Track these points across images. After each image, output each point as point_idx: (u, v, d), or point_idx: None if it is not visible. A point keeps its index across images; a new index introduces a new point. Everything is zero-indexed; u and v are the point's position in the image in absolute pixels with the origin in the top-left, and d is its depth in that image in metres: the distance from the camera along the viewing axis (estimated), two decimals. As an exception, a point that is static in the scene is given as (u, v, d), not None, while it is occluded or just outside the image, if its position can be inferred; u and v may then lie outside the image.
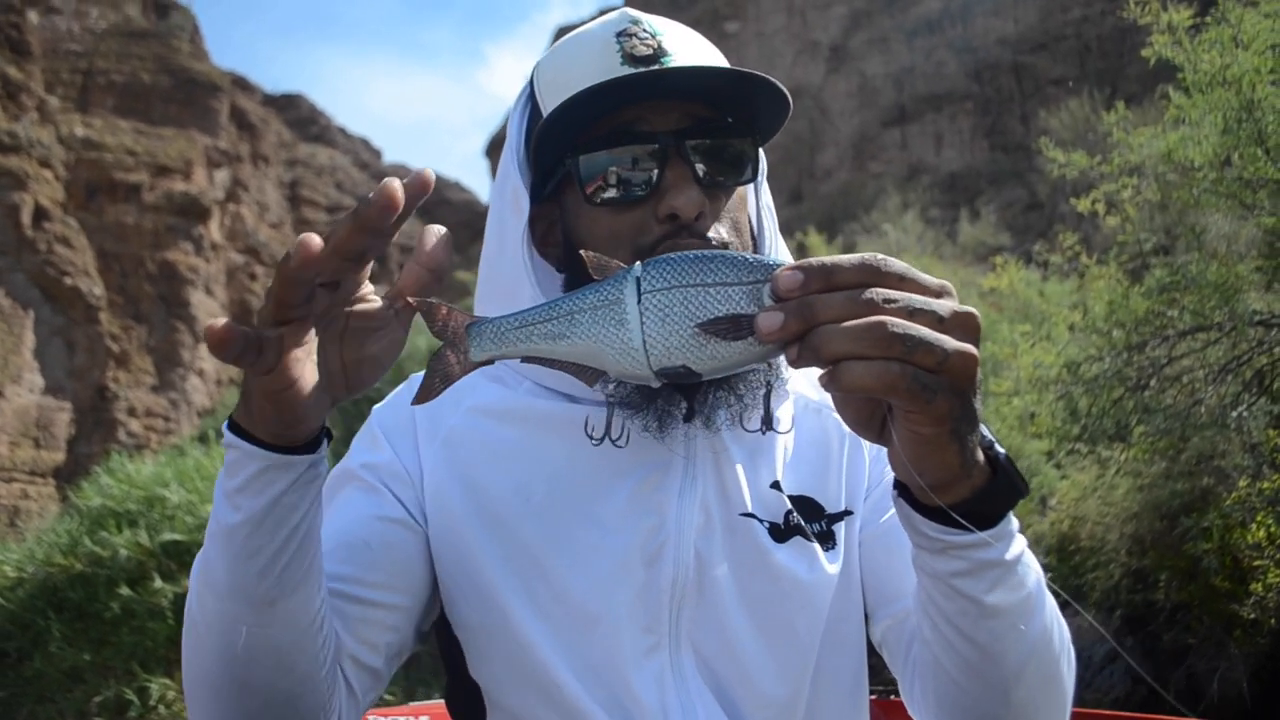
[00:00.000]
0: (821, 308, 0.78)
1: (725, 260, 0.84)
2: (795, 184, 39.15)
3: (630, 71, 1.19)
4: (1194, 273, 5.05)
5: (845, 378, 0.77)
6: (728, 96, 1.23)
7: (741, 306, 0.82)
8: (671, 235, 1.18)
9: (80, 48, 36.09)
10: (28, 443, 26.59)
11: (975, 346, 0.80)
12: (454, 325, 0.91)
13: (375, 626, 1.21)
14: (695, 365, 0.84)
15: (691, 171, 1.19)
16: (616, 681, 1.19)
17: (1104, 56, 32.44)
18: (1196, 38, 5.07)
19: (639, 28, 1.24)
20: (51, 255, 28.23)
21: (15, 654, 6.86)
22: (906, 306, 0.78)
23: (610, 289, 0.86)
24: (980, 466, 0.90)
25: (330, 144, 55.77)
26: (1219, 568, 5.65)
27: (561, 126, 1.22)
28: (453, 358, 0.91)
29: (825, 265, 0.79)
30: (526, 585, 1.22)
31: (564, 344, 0.87)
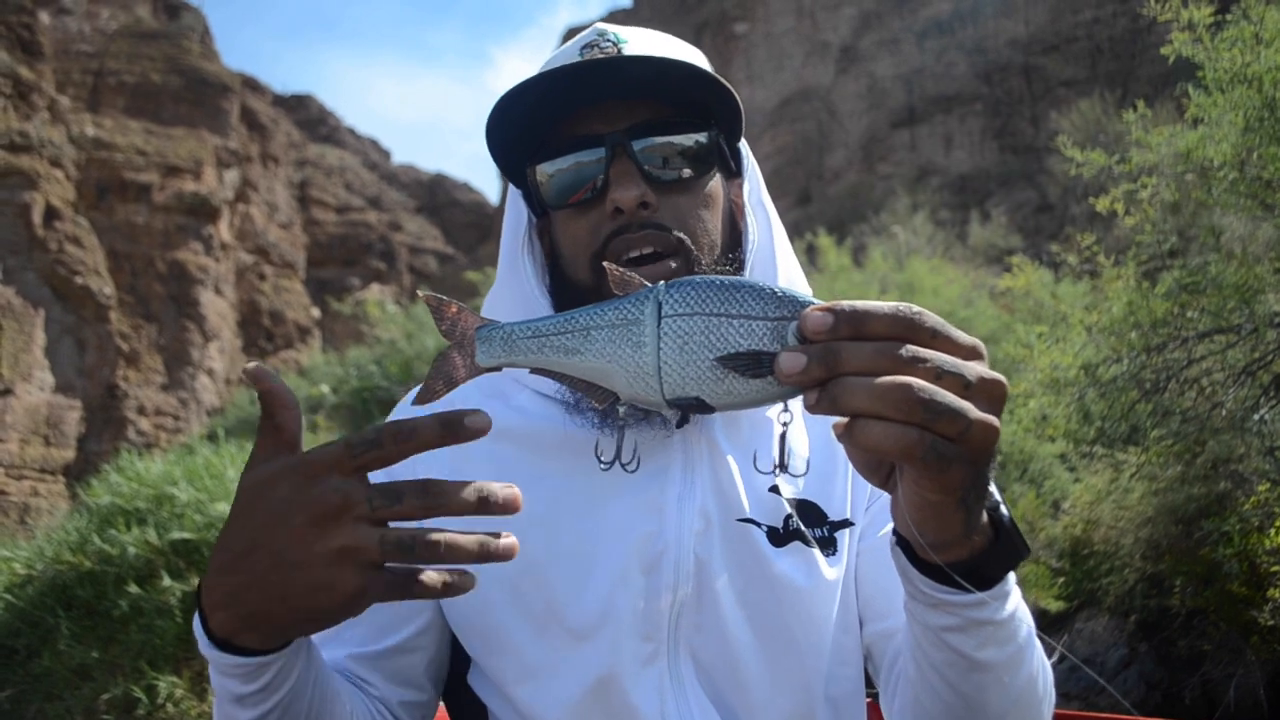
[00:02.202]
0: (848, 357, 0.74)
1: (752, 291, 0.80)
2: (804, 185, 39.08)
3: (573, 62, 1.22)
4: (1213, 273, 4.99)
5: (862, 436, 0.74)
6: (681, 95, 1.24)
7: (764, 343, 0.78)
8: (620, 230, 1.20)
9: (91, 48, 36.21)
10: (38, 440, 26.67)
11: (999, 417, 0.77)
12: (463, 326, 0.87)
13: (412, 669, 1.28)
14: (709, 398, 0.80)
15: (636, 166, 1.20)
16: (614, 693, 1.18)
17: (1116, 58, 32.32)
18: (1217, 35, 5.02)
19: (603, 39, 1.26)
20: (62, 254, 28.30)
21: (24, 651, 6.86)
22: (936, 368, 0.74)
23: (630, 308, 0.81)
24: (983, 528, 0.88)
25: (340, 144, 55.90)
26: (1238, 573, 5.59)
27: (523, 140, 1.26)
28: (459, 360, 0.87)
29: (857, 311, 0.75)
30: (524, 599, 1.21)
31: (577, 359, 0.83)
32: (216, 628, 0.90)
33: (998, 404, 0.77)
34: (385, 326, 16.70)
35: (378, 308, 17.73)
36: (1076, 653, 7.03)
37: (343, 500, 0.81)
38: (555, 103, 1.24)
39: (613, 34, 1.27)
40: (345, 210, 47.50)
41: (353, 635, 1.25)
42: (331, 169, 50.42)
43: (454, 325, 0.87)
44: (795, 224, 29.17)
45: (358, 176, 52.03)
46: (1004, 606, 0.95)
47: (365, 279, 44.17)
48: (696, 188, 1.25)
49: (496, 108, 1.23)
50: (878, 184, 33.41)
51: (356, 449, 0.82)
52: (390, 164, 59.27)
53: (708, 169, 1.26)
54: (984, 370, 0.76)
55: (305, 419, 12.76)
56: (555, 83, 1.21)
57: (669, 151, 1.22)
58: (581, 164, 1.22)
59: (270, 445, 0.85)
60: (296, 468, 0.83)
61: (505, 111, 1.23)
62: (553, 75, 1.20)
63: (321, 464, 0.82)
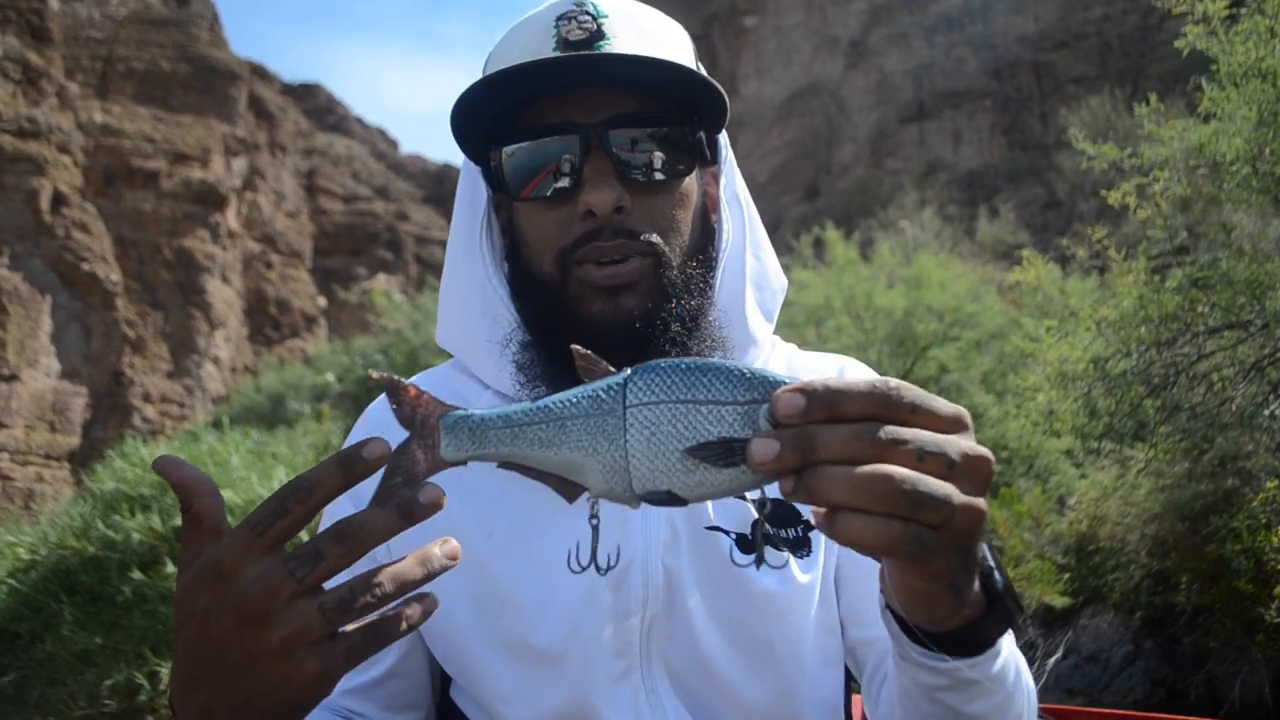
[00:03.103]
0: (823, 443, 0.69)
1: (720, 374, 0.74)
2: (812, 180, 39.03)
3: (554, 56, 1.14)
4: (1224, 269, 4.95)
5: (842, 530, 0.69)
6: (663, 87, 1.17)
7: (735, 429, 0.73)
8: (591, 235, 1.13)
9: (101, 34, 36.25)
10: (43, 426, 26.77)
11: (985, 495, 0.73)
12: (424, 413, 0.78)
13: (404, 693, 1.26)
14: (681, 491, 0.75)
15: (612, 165, 1.14)
16: (589, 712, 1.15)
17: (1125, 55, 32.22)
18: (1231, 29, 4.97)
19: (580, 10, 1.18)
20: (69, 241, 28.37)
21: (27, 636, 6.87)
22: (917, 449, 0.69)
23: (606, 397, 0.76)
24: (976, 597, 0.84)
25: (347, 134, 55.95)
26: (1245, 570, 5.57)
27: (489, 117, 1.18)
28: (420, 454, 0.78)
29: (831, 391, 0.70)
30: (491, 621, 1.18)
31: (550, 453, 0.76)
32: None
33: (983, 482, 0.72)
34: (391, 316, 16.69)
35: (384, 297, 17.72)
36: (1081, 649, 7.02)
37: (264, 589, 0.75)
38: (524, 92, 1.17)
39: (592, 6, 1.18)
40: (352, 199, 47.55)
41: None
42: (339, 158, 50.45)
43: (413, 412, 0.78)
44: (802, 218, 29.12)
45: (365, 166, 52.07)
46: (996, 662, 0.92)
47: (372, 268, 44.23)
48: (672, 188, 1.19)
49: (466, 94, 1.16)
50: (886, 179, 33.36)
51: (260, 527, 0.76)
52: (398, 154, 59.31)
53: (686, 167, 1.20)
54: (968, 445, 0.71)
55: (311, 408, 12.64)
56: (526, 75, 1.14)
57: (647, 149, 1.16)
58: (554, 153, 1.15)
59: (194, 537, 0.79)
60: (210, 568, 0.77)
61: (474, 95, 1.16)
62: (525, 69, 1.13)
63: (232, 558, 0.76)
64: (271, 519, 0.76)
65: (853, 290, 11.55)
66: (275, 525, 0.76)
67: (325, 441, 10.55)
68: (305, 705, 0.80)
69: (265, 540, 0.76)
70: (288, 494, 0.76)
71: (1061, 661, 6.93)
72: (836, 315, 11.51)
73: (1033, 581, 6.97)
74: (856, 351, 10.75)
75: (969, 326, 11.24)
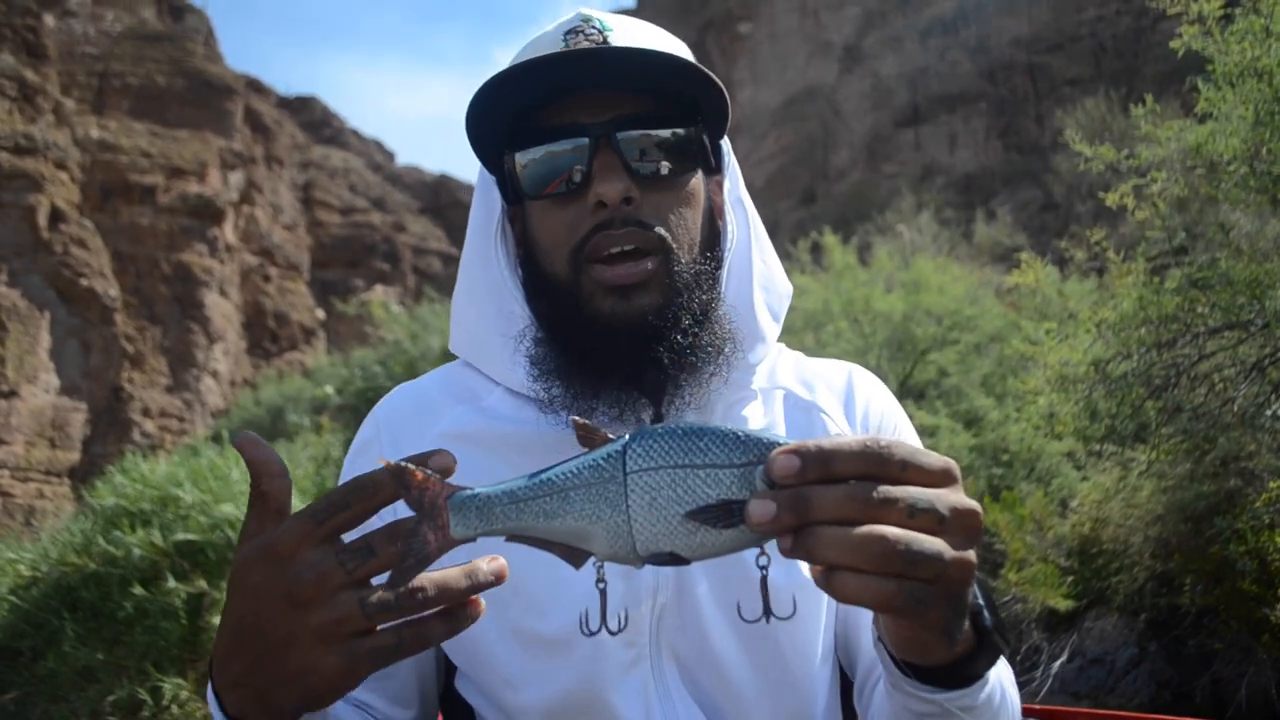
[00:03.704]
0: (818, 504, 0.73)
1: (715, 438, 0.78)
2: (808, 184, 39.08)
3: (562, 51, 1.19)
4: (1223, 268, 4.96)
5: (839, 589, 0.73)
6: (668, 88, 1.22)
7: (732, 491, 0.77)
8: (603, 226, 1.17)
9: (96, 50, 36.28)
10: (43, 442, 26.72)
11: (973, 548, 0.76)
12: (431, 495, 0.81)
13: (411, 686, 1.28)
14: (683, 552, 0.79)
15: (620, 160, 1.17)
16: (597, 701, 1.17)
17: (1120, 57, 32.26)
18: (1227, 29, 4.98)
19: (588, 25, 1.23)
20: (67, 256, 28.36)
21: (29, 653, 6.86)
22: (909, 507, 0.73)
23: (606, 466, 0.79)
24: (966, 635, 0.88)
25: (344, 146, 55.99)
26: (1250, 571, 5.56)
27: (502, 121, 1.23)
28: (430, 535, 0.80)
29: (824, 451, 0.74)
30: (502, 610, 1.19)
31: (556, 523, 0.80)
32: (229, 707, 0.89)
33: (973, 535, 0.76)
34: (390, 327, 16.68)
35: (382, 308, 17.72)
36: (1086, 652, 7.00)
37: (316, 576, 0.79)
38: (538, 90, 1.21)
39: (598, 20, 1.24)
40: (349, 212, 47.55)
41: None
42: (335, 170, 50.47)
43: (421, 495, 0.81)
44: (799, 223, 29.15)
45: (362, 178, 52.09)
46: (984, 691, 0.95)
47: (369, 280, 44.21)
48: (679, 184, 1.23)
49: (478, 94, 1.20)
50: (882, 183, 33.38)
51: (321, 516, 0.80)
52: (394, 165, 59.35)
53: (691, 165, 1.24)
54: (957, 499, 0.75)
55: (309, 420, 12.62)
56: (539, 71, 1.18)
57: (653, 146, 1.20)
58: (563, 154, 1.19)
59: (258, 515, 0.84)
60: (268, 550, 0.81)
61: (486, 98, 1.20)
62: (537, 64, 1.17)
63: (290, 541, 0.80)
64: (332, 511, 0.80)
65: (851, 295, 11.56)
66: (335, 518, 0.80)
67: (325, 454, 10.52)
68: (327, 696, 0.84)
69: (323, 530, 0.80)
70: (351, 490, 0.80)
71: (1066, 664, 6.91)
72: (835, 320, 11.51)
73: (1036, 585, 6.95)
74: (856, 356, 10.74)
75: (968, 330, 11.24)
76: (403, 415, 1.32)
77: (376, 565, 0.80)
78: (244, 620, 0.83)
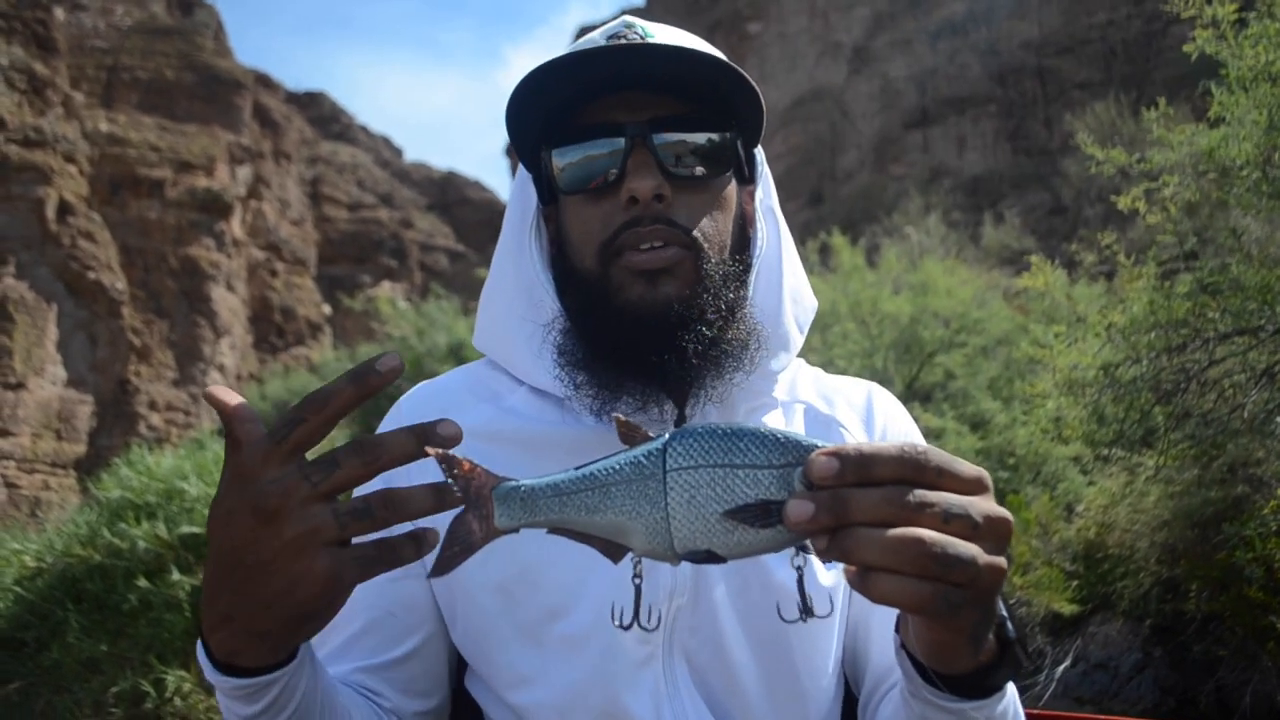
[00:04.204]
0: (855, 506, 0.74)
1: (755, 438, 0.79)
2: (816, 186, 39.05)
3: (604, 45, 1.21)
4: (1234, 274, 4.93)
5: (875, 589, 0.75)
6: (705, 92, 1.23)
7: (771, 491, 0.78)
8: (633, 222, 1.18)
9: (105, 44, 36.37)
10: (49, 435, 26.80)
11: (1004, 554, 0.78)
12: (478, 485, 0.82)
13: (421, 678, 1.28)
14: (720, 550, 0.80)
15: (655, 159, 1.19)
16: (608, 697, 1.17)
17: (1130, 61, 32.19)
18: (1241, 33, 4.96)
19: (630, 30, 1.25)
20: (75, 250, 28.43)
21: (33, 644, 6.86)
22: (944, 512, 0.75)
23: (647, 463, 0.80)
24: (989, 645, 0.89)
25: (352, 142, 56.06)
26: (1258, 578, 5.54)
27: (541, 124, 1.24)
28: (475, 524, 0.82)
29: (863, 455, 0.75)
30: (518, 606, 1.21)
31: (597, 517, 0.81)
32: (216, 649, 0.90)
33: (1004, 542, 0.78)
34: (396, 323, 16.70)
35: (389, 304, 17.73)
36: (1090, 657, 6.98)
37: (281, 489, 0.81)
38: (578, 86, 1.22)
39: (640, 27, 1.26)
40: (357, 207, 47.62)
41: (360, 648, 1.25)
42: (343, 166, 50.54)
43: (467, 484, 0.82)
44: (807, 224, 29.12)
45: (370, 174, 52.15)
46: (1001, 703, 0.97)
47: (376, 276, 44.28)
48: (712, 187, 1.24)
49: (520, 87, 1.20)
50: (890, 185, 33.34)
51: (280, 433, 0.82)
52: (402, 162, 59.43)
53: (724, 170, 1.25)
54: (989, 507, 0.77)
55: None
56: (580, 66, 1.19)
57: (688, 148, 1.21)
58: (599, 152, 1.21)
59: (232, 459, 0.85)
60: (235, 472, 0.83)
61: (527, 92, 1.21)
62: (578, 58, 1.18)
63: (253, 462, 0.82)
64: (289, 427, 0.82)
65: (859, 296, 11.54)
66: (293, 433, 0.82)
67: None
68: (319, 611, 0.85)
69: (284, 447, 0.82)
70: (305, 404, 0.82)
71: (1070, 669, 6.88)
72: (842, 321, 11.49)
73: (1041, 589, 6.93)
74: (862, 358, 10.73)
75: (975, 332, 11.22)
76: (426, 411, 1.33)
77: (341, 477, 0.81)
78: (222, 550, 0.84)
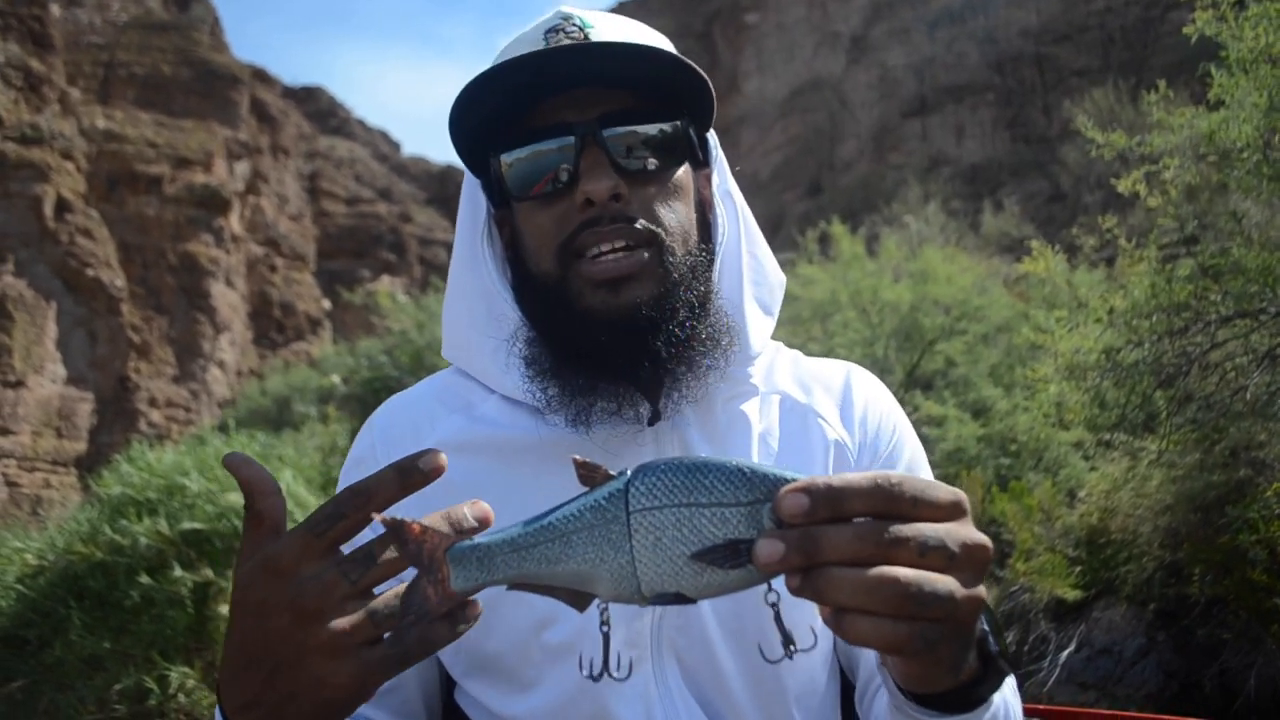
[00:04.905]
0: (828, 544, 0.71)
1: (722, 474, 0.75)
2: (815, 175, 38.99)
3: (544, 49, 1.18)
4: (1235, 257, 4.92)
5: (850, 631, 0.72)
6: (652, 84, 1.21)
7: (739, 530, 0.74)
8: (591, 222, 1.16)
9: (102, 40, 36.29)
10: (50, 432, 26.81)
11: (981, 583, 0.76)
12: (430, 548, 0.78)
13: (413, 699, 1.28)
14: (689, 592, 0.76)
15: (607, 157, 1.17)
16: (598, 703, 1.16)
17: (1128, 47, 32.11)
18: (1241, 15, 4.94)
19: (568, 23, 1.23)
20: (73, 247, 28.41)
21: (36, 641, 6.87)
22: (920, 545, 0.72)
23: (609, 505, 0.76)
24: (970, 665, 0.86)
25: (350, 136, 55.98)
26: (1261, 560, 5.54)
27: (486, 124, 1.22)
28: (429, 590, 0.78)
29: (834, 489, 0.72)
30: (504, 619, 1.19)
31: (559, 568, 0.77)
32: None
33: (981, 570, 0.75)
34: (396, 317, 16.67)
35: (388, 299, 17.71)
36: (1094, 642, 6.98)
37: (320, 588, 0.79)
38: (522, 90, 1.19)
39: (578, 19, 1.23)
40: (355, 202, 47.56)
41: None
42: (342, 161, 50.48)
43: (419, 549, 0.78)
44: (806, 214, 29.08)
45: (368, 168, 52.09)
46: (988, 711, 0.95)
47: (375, 270, 44.24)
48: (666, 178, 1.22)
49: (461, 96, 1.18)
50: (889, 174, 33.30)
51: (319, 528, 0.80)
52: (400, 156, 59.35)
53: (678, 160, 1.23)
54: (966, 534, 0.74)
55: (316, 410, 12.57)
56: (522, 70, 1.17)
57: (639, 141, 1.19)
58: (549, 153, 1.19)
59: (254, 534, 0.83)
60: (269, 565, 0.80)
61: (470, 99, 1.19)
62: (519, 63, 1.16)
63: (290, 556, 0.80)
64: (329, 522, 0.80)
65: (859, 285, 11.52)
66: (333, 528, 0.80)
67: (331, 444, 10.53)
68: (342, 708, 0.82)
69: (323, 542, 0.80)
70: (346, 499, 0.80)
71: (1074, 655, 6.88)
72: (843, 310, 11.47)
73: (1044, 575, 6.93)
74: (863, 347, 10.71)
75: (976, 320, 11.20)
76: (399, 426, 1.31)
77: (379, 573, 0.79)
78: (251, 639, 0.82)
